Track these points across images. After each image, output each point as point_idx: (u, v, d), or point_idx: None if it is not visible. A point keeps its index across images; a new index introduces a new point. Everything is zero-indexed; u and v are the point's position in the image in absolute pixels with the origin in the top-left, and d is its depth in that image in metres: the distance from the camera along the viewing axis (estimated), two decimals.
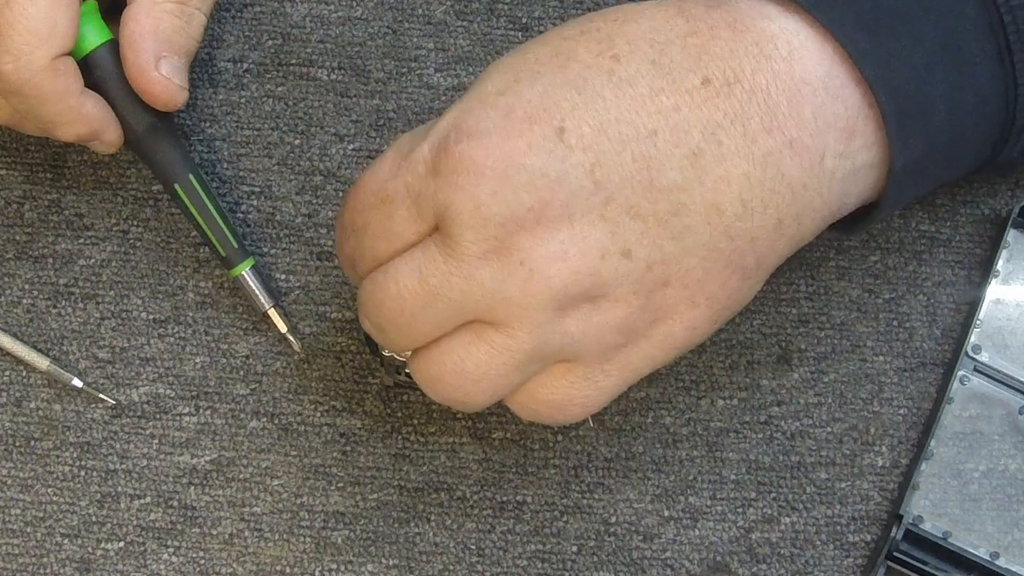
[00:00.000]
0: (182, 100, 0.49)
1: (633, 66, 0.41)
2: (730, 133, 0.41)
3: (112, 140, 0.49)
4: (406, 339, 0.43)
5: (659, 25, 0.42)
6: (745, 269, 0.43)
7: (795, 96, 0.41)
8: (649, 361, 0.43)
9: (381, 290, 0.42)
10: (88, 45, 0.49)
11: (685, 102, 0.41)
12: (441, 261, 0.41)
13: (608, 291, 0.41)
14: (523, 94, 0.41)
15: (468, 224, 0.40)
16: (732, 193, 0.41)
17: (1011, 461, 0.53)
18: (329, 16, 0.56)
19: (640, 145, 0.40)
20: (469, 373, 0.42)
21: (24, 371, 0.53)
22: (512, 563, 0.53)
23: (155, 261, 0.54)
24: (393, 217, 0.42)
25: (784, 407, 0.54)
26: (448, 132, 0.40)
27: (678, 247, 0.41)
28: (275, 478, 0.53)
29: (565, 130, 0.40)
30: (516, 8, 0.56)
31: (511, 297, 0.40)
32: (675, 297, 0.42)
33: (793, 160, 0.42)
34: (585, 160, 0.40)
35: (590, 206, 0.40)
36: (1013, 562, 0.52)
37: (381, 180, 0.42)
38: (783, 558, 0.53)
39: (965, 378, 0.53)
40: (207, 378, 0.53)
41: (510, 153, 0.40)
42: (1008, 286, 0.54)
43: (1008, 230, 0.54)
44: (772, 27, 0.42)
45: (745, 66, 0.41)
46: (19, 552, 0.52)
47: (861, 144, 0.43)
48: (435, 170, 0.40)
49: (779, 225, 0.42)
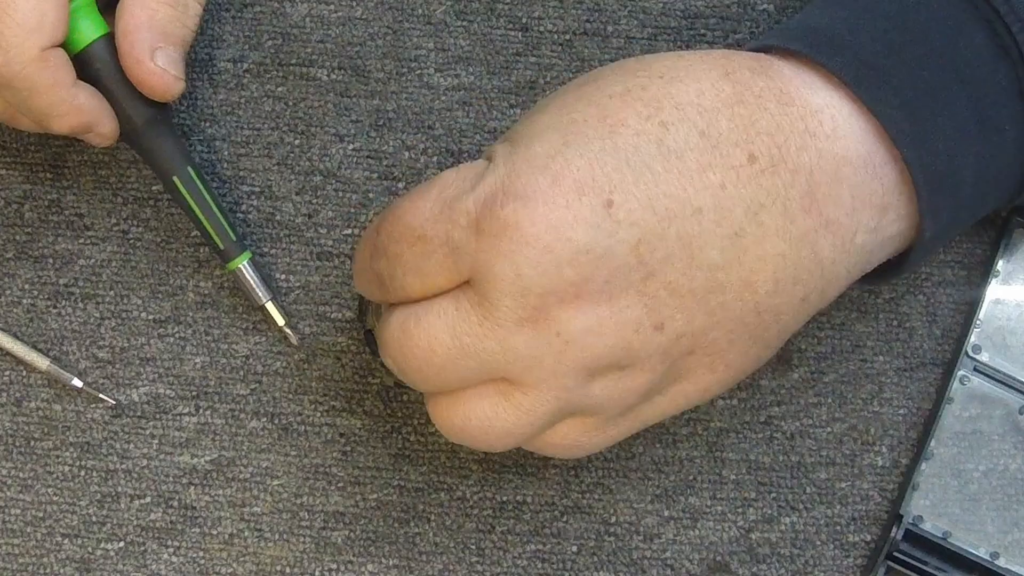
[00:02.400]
0: (179, 91, 0.49)
1: (682, 136, 0.40)
2: (771, 213, 0.41)
3: (107, 132, 0.49)
4: (430, 386, 0.43)
5: (706, 88, 0.41)
6: (767, 340, 0.43)
7: (836, 175, 0.41)
8: (659, 415, 0.44)
9: (410, 338, 0.42)
10: (85, 39, 0.49)
11: (731, 180, 0.40)
12: (476, 322, 0.40)
13: (637, 361, 0.41)
14: (572, 160, 0.40)
15: (507, 291, 0.39)
16: (767, 272, 0.41)
17: (1011, 461, 0.53)
18: (329, 16, 0.56)
19: (685, 223, 0.40)
20: (495, 430, 0.42)
21: (24, 371, 0.53)
22: (512, 563, 0.53)
23: (155, 261, 0.54)
24: (429, 259, 0.41)
25: (784, 407, 0.54)
26: (496, 191, 0.40)
27: (709, 321, 0.41)
28: (275, 478, 0.53)
29: (613, 203, 0.39)
30: (516, 8, 0.56)
31: (544, 364, 0.40)
32: (696, 363, 0.42)
33: (827, 239, 0.42)
34: (631, 236, 0.40)
35: (630, 282, 0.40)
36: (1013, 562, 0.52)
37: (422, 219, 0.41)
38: (783, 558, 0.53)
39: (965, 378, 0.53)
40: (207, 378, 0.53)
41: (556, 224, 0.39)
42: (1008, 286, 0.54)
43: (1008, 230, 0.54)
44: (816, 101, 0.42)
45: (791, 143, 0.41)
46: (19, 552, 0.52)
47: (892, 219, 0.43)
48: (479, 229, 0.40)
49: (805, 300, 0.43)
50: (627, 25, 0.56)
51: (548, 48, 0.56)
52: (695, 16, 0.56)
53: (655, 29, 0.56)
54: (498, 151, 0.42)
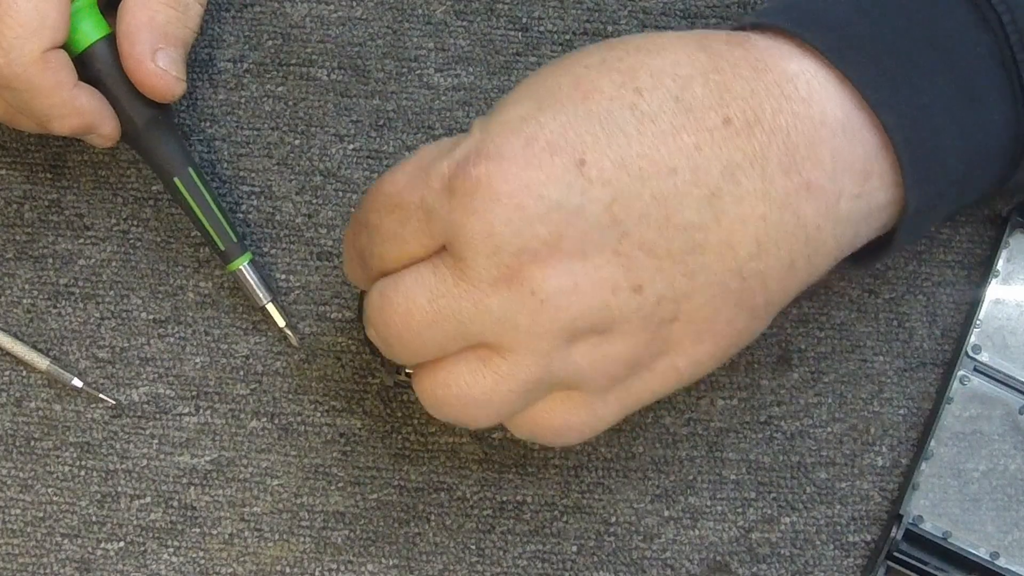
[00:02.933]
0: (180, 91, 0.49)
1: (656, 101, 0.41)
2: (749, 174, 0.41)
3: (109, 133, 0.49)
4: (410, 355, 0.43)
5: (681, 59, 0.42)
6: (754, 309, 0.43)
7: (814, 138, 0.41)
8: (650, 393, 0.43)
9: (389, 305, 0.42)
10: (86, 39, 0.49)
11: (706, 141, 0.40)
12: (452, 284, 0.40)
13: (616, 325, 0.41)
14: (546, 124, 0.40)
15: (480, 250, 0.40)
16: (747, 234, 0.41)
17: (1011, 461, 0.53)
18: (329, 16, 0.56)
19: (660, 182, 0.40)
20: (474, 398, 0.42)
21: (24, 371, 0.53)
22: (512, 563, 0.53)
23: (155, 261, 0.54)
24: (405, 225, 0.41)
25: (784, 407, 0.54)
26: (469, 155, 0.40)
27: (690, 284, 0.41)
28: (275, 478, 0.53)
29: (585, 163, 0.40)
30: (516, 8, 0.56)
31: (520, 326, 0.40)
32: (682, 332, 0.42)
33: (809, 202, 0.41)
34: (604, 195, 0.40)
35: (605, 241, 0.40)
36: (1013, 562, 0.52)
37: (399, 186, 0.42)
38: (783, 558, 0.53)
39: (965, 378, 0.53)
40: (207, 378, 0.53)
41: (528, 183, 0.39)
42: (1008, 286, 0.54)
43: (1008, 230, 0.54)
44: (792, 67, 0.42)
45: (766, 106, 0.41)
46: (19, 552, 0.52)
47: (876, 186, 0.43)
48: (451, 190, 0.40)
49: (791, 266, 0.42)
50: (627, 25, 0.56)
51: (548, 48, 0.56)
52: (695, 16, 0.56)
53: (655, 29, 0.56)
54: (476, 122, 0.42)
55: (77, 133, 0.49)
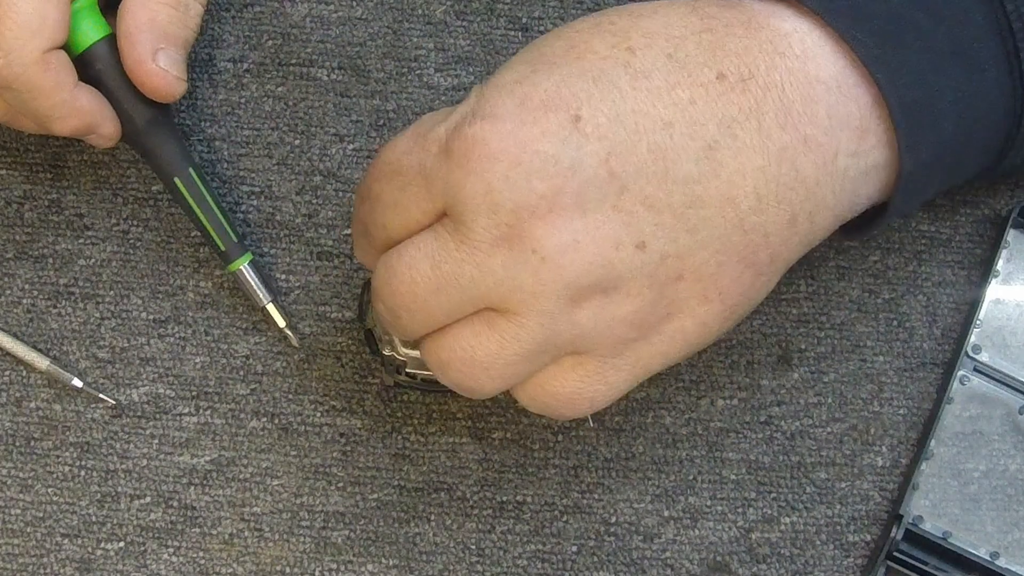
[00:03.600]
0: (180, 92, 0.49)
1: (649, 59, 0.41)
2: (745, 127, 0.41)
3: (109, 134, 0.49)
4: (418, 324, 0.43)
5: (674, 21, 0.42)
6: (758, 265, 0.43)
7: (809, 94, 0.42)
8: (660, 357, 0.43)
9: (395, 275, 0.42)
10: (87, 40, 0.49)
11: (700, 96, 0.41)
12: (453, 248, 0.41)
13: (621, 283, 0.41)
14: (540, 83, 0.41)
15: (479, 210, 0.40)
16: (747, 187, 0.41)
17: (1011, 461, 0.53)
18: (329, 16, 0.56)
19: (656, 136, 0.40)
20: (479, 361, 0.42)
21: (24, 371, 0.53)
22: (512, 563, 0.53)
23: (155, 261, 0.54)
24: (405, 191, 0.42)
25: (784, 407, 0.54)
26: (464, 116, 0.41)
27: (692, 240, 0.41)
28: (275, 478, 0.53)
29: (580, 118, 0.40)
30: (516, 8, 0.56)
31: (523, 285, 0.40)
32: (688, 291, 0.42)
33: (807, 157, 0.42)
34: (600, 149, 0.40)
35: (604, 196, 0.40)
36: (1013, 562, 0.52)
37: (398, 153, 0.42)
38: (783, 558, 0.53)
39: (965, 378, 0.53)
40: (207, 378, 0.53)
41: (524, 139, 0.40)
42: (1008, 286, 0.54)
43: (1008, 230, 0.54)
44: (785, 26, 0.42)
45: (759, 62, 0.41)
46: (19, 552, 0.52)
47: (873, 144, 0.43)
48: (447, 151, 0.40)
49: (793, 221, 0.42)
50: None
51: None
52: None
53: None
54: (473, 89, 0.42)
55: (78, 133, 0.49)
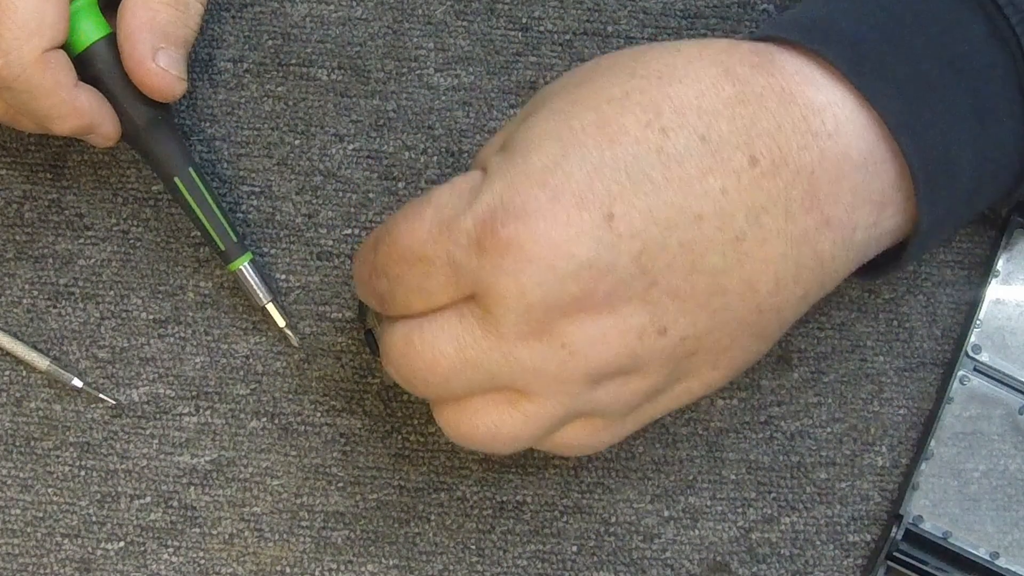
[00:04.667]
0: (180, 91, 0.49)
1: (682, 142, 0.40)
2: (772, 214, 0.41)
3: (109, 133, 0.49)
4: (432, 394, 0.43)
5: (706, 90, 0.41)
6: (767, 336, 0.43)
7: (837, 174, 0.41)
8: (663, 411, 0.45)
9: (415, 352, 0.42)
10: (86, 39, 0.49)
11: (732, 184, 0.40)
12: (480, 336, 0.40)
13: (641, 365, 0.41)
14: (572, 174, 0.39)
15: (511, 308, 0.40)
16: (768, 273, 0.41)
17: (1011, 461, 0.53)
18: (329, 16, 0.56)
19: (686, 231, 0.40)
20: (502, 436, 0.42)
21: (24, 371, 0.53)
22: (512, 563, 0.52)
23: (155, 261, 0.54)
24: (430, 279, 0.41)
25: (784, 407, 0.54)
26: (495, 210, 0.40)
27: (711, 323, 0.41)
28: (275, 478, 0.53)
29: (614, 216, 0.39)
30: (516, 8, 0.56)
31: (549, 374, 0.40)
32: (699, 362, 0.43)
33: (827, 237, 0.42)
34: (633, 248, 0.40)
35: (633, 291, 0.40)
36: (1013, 562, 0.52)
37: (420, 240, 0.41)
38: (783, 558, 0.53)
39: (965, 378, 0.53)
40: (207, 378, 0.53)
41: (558, 241, 0.39)
42: (1008, 286, 0.54)
43: (1008, 230, 0.54)
44: (820, 99, 0.41)
45: (792, 143, 0.41)
46: (19, 552, 0.52)
47: (891, 213, 0.43)
48: (480, 248, 0.40)
49: (805, 297, 0.43)
50: (627, 25, 0.56)
51: (548, 48, 0.56)
52: (695, 16, 0.56)
53: (655, 29, 0.56)
54: (492, 162, 0.41)
55: (77, 133, 0.49)
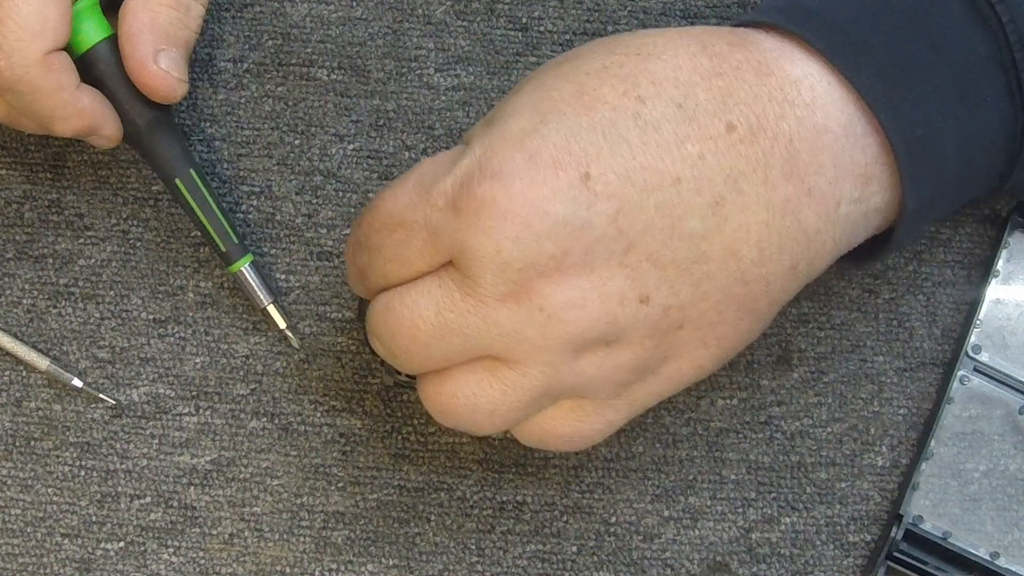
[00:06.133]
0: (182, 93, 0.49)
1: (659, 109, 0.41)
2: (751, 181, 0.41)
3: (111, 135, 0.49)
4: (416, 366, 0.43)
5: (683, 64, 0.42)
6: (757, 311, 0.43)
7: (816, 144, 0.41)
8: (655, 396, 0.44)
9: (396, 317, 0.42)
10: (88, 41, 0.49)
11: (710, 149, 0.40)
12: (459, 299, 0.40)
13: (624, 335, 0.41)
14: (549, 137, 0.40)
15: (488, 267, 0.40)
16: (751, 240, 0.41)
17: (1011, 461, 0.53)
18: (329, 16, 0.56)
19: (664, 193, 0.40)
20: (482, 408, 0.42)
21: (24, 371, 0.53)
22: (512, 563, 0.53)
23: (155, 261, 0.54)
24: (408, 245, 0.41)
25: (784, 407, 0.54)
26: (472, 171, 0.40)
27: (695, 292, 0.41)
28: (275, 478, 0.53)
29: (590, 176, 0.40)
30: (516, 8, 0.56)
31: (528, 339, 0.40)
32: (687, 338, 0.42)
33: (811, 207, 0.42)
34: (609, 208, 0.40)
35: (611, 253, 0.40)
36: (1013, 562, 0.52)
37: (400, 206, 0.41)
38: (783, 558, 0.53)
39: (965, 378, 0.53)
40: (207, 378, 0.53)
41: (534, 199, 0.39)
42: (1008, 286, 0.54)
43: (1008, 230, 0.54)
44: (796, 71, 0.42)
45: (769, 112, 0.41)
46: (19, 552, 0.52)
47: (876, 189, 0.43)
48: (456, 208, 0.40)
49: (793, 269, 0.42)
50: (627, 25, 0.56)
51: (548, 48, 0.56)
52: (695, 16, 0.56)
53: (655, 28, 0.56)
54: (475, 133, 0.42)
55: (79, 134, 0.49)
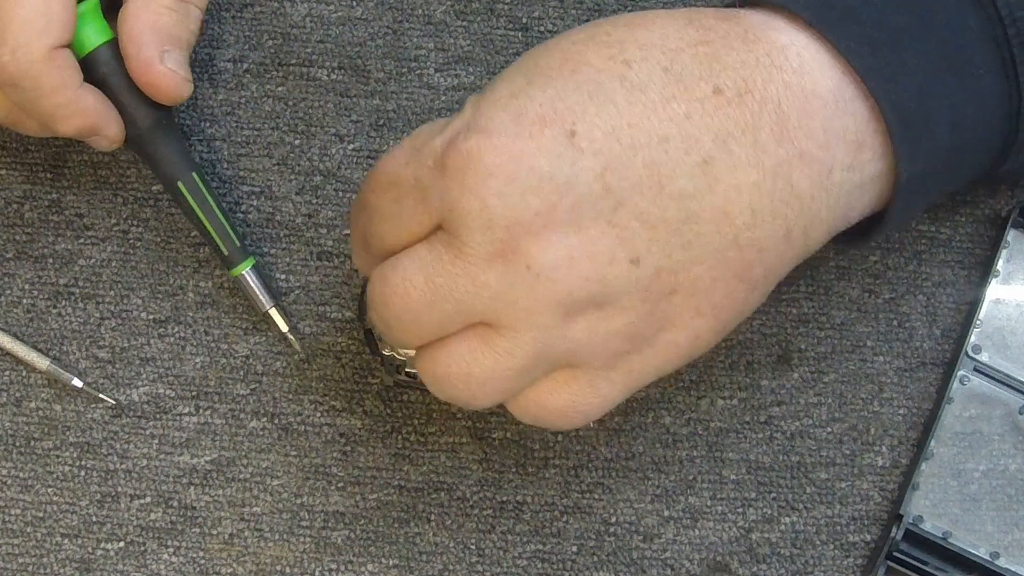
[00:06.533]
0: (188, 92, 0.49)
1: (645, 72, 0.41)
2: (741, 142, 0.41)
3: (113, 136, 0.49)
4: (411, 336, 0.43)
5: (670, 33, 0.42)
6: (752, 279, 0.43)
7: (805, 108, 0.42)
8: (652, 369, 0.43)
9: (389, 286, 0.42)
10: (90, 44, 0.49)
11: (696, 110, 0.41)
12: (448, 261, 0.41)
13: (615, 298, 0.41)
14: (535, 97, 0.40)
15: (474, 225, 0.40)
16: (742, 202, 0.41)
17: (1011, 461, 0.53)
18: (329, 16, 0.56)
19: (651, 151, 0.40)
20: (475, 376, 0.42)
21: (24, 371, 0.53)
22: (512, 563, 0.53)
23: (155, 261, 0.54)
24: (401, 203, 0.42)
25: (784, 407, 0.54)
26: (459, 130, 0.40)
27: (687, 255, 0.41)
28: (275, 478, 0.53)
29: (576, 133, 0.40)
30: (516, 8, 0.56)
31: (517, 301, 0.40)
32: (681, 305, 0.42)
33: (803, 171, 0.42)
34: (595, 164, 0.40)
35: (599, 211, 0.40)
36: (1013, 562, 0.52)
37: (395, 165, 0.42)
38: (783, 558, 0.53)
39: (965, 378, 0.53)
40: (207, 378, 0.53)
41: (519, 155, 0.39)
42: (1008, 286, 0.54)
43: (1008, 230, 0.54)
44: (782, 39, 0.42)
45: (756, 76, 0.41)
46: (19, 552, 0.52)
47: (868, 157, 0.43)
48: (442, 166, 0.40)
49: (787, 236, 0.42)
50: None
51: None
52: None
53: None
54: (468, 100, 0.42)
55: (81, 134, 0.49)
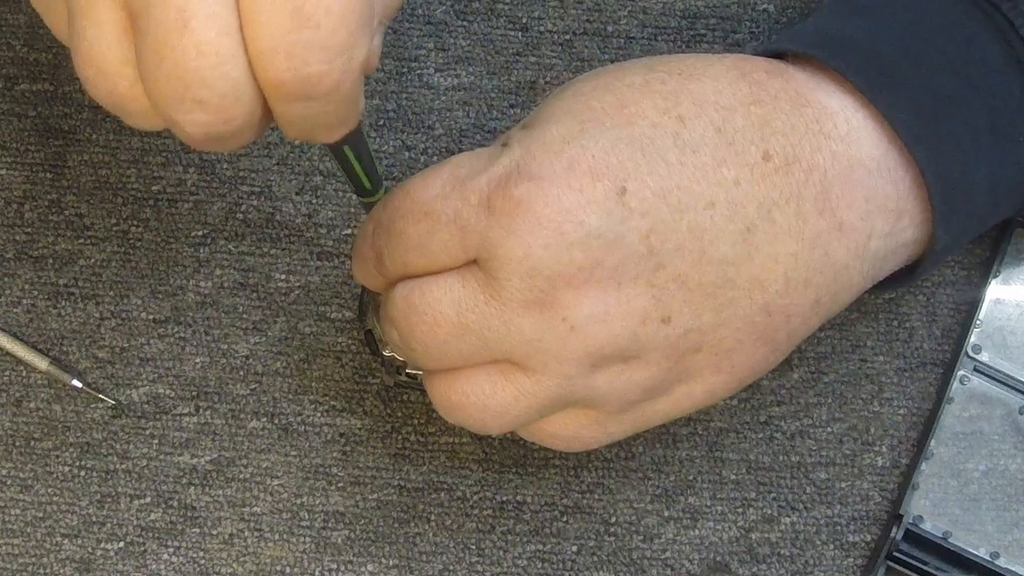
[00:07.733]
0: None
1: (698, 131, 0.41)
2: (784, 212, 0.41)
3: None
4: (431, 361, 0.43)
5: (723, 88, 0.42)
6: (775, 343, 0.43)
7: (849, 178, 0.41)
8: (662, 415, 0.44)
9: (415, 312, 0.41)
10: None
11: (745, 176, 0.40)
12: (482, 301, 0.40)
13: (642, 353, 0.41)
14: (588, 147, 0.40)
15: (516, 271, 0.39)
16: (778, 271, 0.41)
17: (1011, 461, 0.53)
18: None
19: (697, 215, 0.40)
20: (491, 409, 0.42)
21: (24, 371, 0.53)
22: (512, 563, 0.53)
23: (155, 261, 0.54)
24: (434, 236, 0.41)
25: (784, 407, 0.54)
26: (510, 171, 0.40)
27: (717, 318, 0.41)
28: (275, 478, 0.53)
29: (627, 191, 0.39)
30: (516, 8, 0.56)
31: (548, 350, 0.40)
32: (703, 362, 0.42)
33: (840, 242, 0.42)
34: (642, 225, 0.39)
35: (640, 271, 0.40)
36: (1013, 562, 0.52)
37: (431, 195, 0.41)
38: (783, 558, 0.53)
39: (965, 378, 0.53)
40: (207, 378, 0.53)
41: (569, 207, 0.39)
42: (1008, 286, 0.54)
43: (1008, 231, 0.54)
44: (832, 104, 0.42)
45: (805, 144, 0.41)
46: (19, 552, 0.52)
47: (907, 224, 0.43)
48: (490, 207, 0.39)
49: (816, 303, 0.42)
50: (627, 25, 0.56)
51: (548, 48, 0.56)
52: (695, 16, 0.56)
53: (655, 29, 0.56)
54: (514, 135, 0.42)
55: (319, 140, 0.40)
